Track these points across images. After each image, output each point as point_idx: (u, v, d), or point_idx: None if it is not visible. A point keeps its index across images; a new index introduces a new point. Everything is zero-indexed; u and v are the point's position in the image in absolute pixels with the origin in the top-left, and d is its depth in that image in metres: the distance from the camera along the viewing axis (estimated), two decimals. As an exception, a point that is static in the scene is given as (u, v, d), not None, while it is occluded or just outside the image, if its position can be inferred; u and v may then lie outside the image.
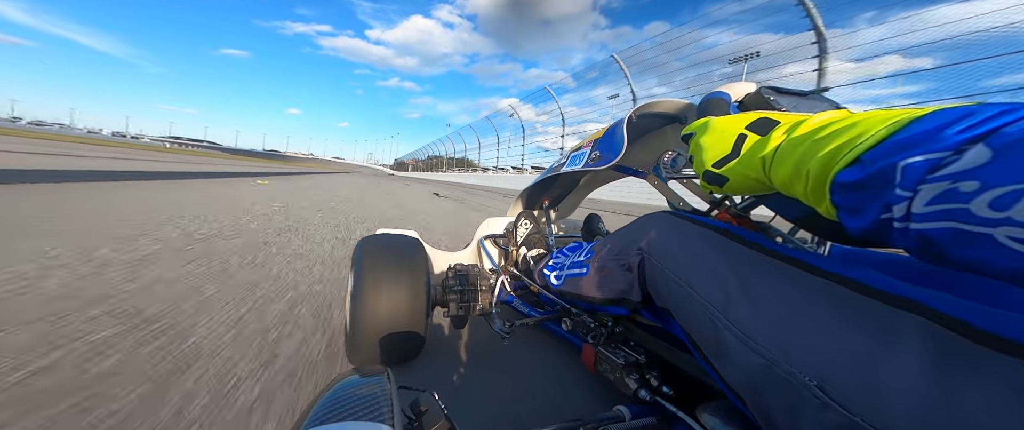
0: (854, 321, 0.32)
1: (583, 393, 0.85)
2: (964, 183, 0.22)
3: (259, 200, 3.97)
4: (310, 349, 0.93)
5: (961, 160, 0.22)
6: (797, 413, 0.32)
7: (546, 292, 0.86)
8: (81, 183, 3.79)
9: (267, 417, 0.68)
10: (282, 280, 1.45)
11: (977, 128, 0.22)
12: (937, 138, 0.24)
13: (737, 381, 0.40)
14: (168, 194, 3.65)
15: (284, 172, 13.76)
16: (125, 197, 3.19)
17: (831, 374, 0.30)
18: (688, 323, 0.48)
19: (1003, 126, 0.21)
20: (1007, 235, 0.20)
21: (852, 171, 0.29)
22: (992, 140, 0.21)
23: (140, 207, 2.71)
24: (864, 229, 0.29)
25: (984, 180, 0.21)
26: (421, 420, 0.40)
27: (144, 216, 2.40)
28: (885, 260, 0.59)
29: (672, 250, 0.52)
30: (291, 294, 1.31)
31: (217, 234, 2.11)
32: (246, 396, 0.73)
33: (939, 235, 0.24)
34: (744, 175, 0.43)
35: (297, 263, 1.72)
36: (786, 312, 0.36)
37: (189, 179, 5.92)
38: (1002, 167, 0.21)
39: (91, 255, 1.48)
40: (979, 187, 0.21)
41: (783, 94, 0.58)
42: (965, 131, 0.23)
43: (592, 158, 0.88)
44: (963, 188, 0.22)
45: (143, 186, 4.19)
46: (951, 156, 0.23)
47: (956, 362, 0.25)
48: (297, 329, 1.04)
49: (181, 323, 1.00)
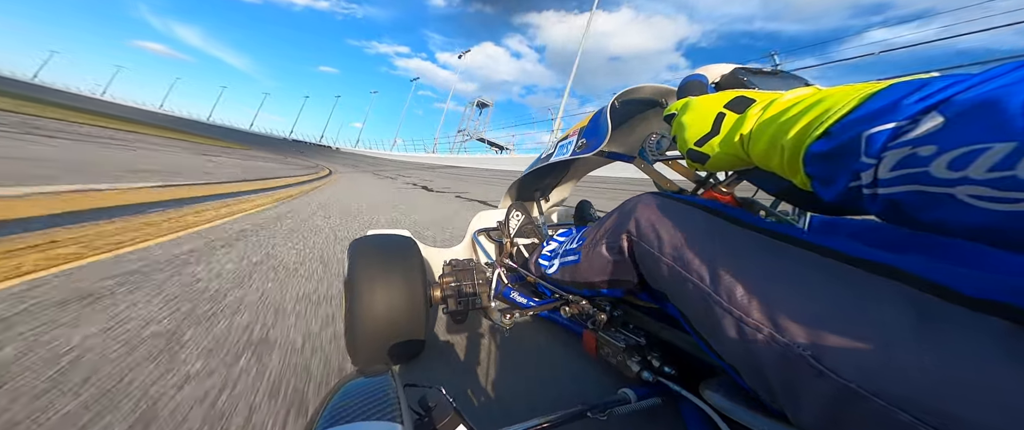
0: (839, 290, 0.33)
1: (587, 379, 0.87)
2: (923, 148, 0.23)
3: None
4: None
5: (917, 127, 0.24)
6: (794, 384, 0.33)
7: (543, 281, 0.87)
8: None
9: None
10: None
11: (930, 98, 0.24)
12: (896, 108, 0.25)
13: (734, 357, 0.40)
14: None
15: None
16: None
17: (823, 344, 0.31)
18: (682, 302, 0.49)
19: (953, 95, 0.23)
20: (966, 193, 0.22)
21: (822, 143, 0.30)
22: (944, 108, 0.23)
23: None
24: (836, 197, 0.31)
25: (940, 144, 0.23)
26: (430, 416, 0.41)
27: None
28: (860, 228, 0.61)
29: (660, 231, 0.53)
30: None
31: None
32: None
33: (904, 198, 0.25)
34: (724, 152, 0.45)
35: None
36: (775, 286, 0.37)
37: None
38: (955, 130, 0.22)
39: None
40: (936, 150, 0.23)
41: (756, 74, 0.60)
42: (920, 100, 0.24)
43: (579, 146, 0.88)
44: (922, 152, 0.23)
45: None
46: (908, 124, 0.24)
47: (937, 324, 0.27)
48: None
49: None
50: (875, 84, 0.29)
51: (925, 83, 0.25)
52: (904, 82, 0.27)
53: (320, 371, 0.83)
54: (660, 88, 0.83)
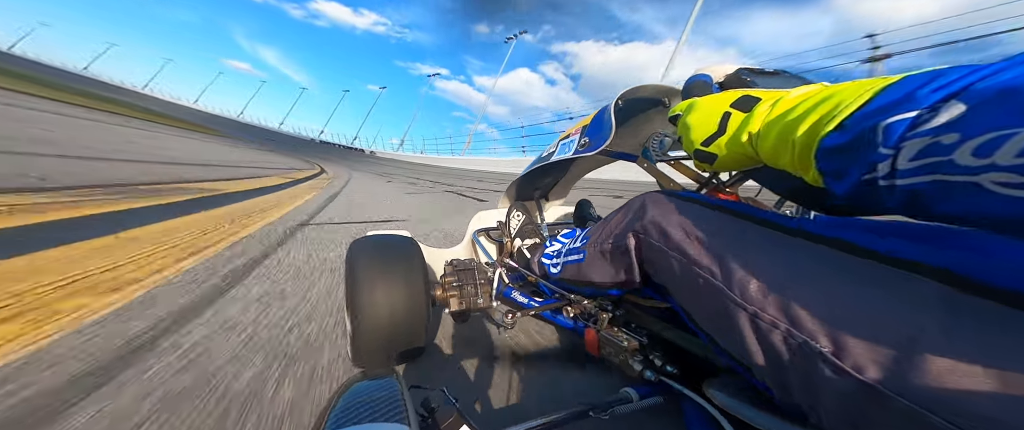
0: (858, 285, 0.32)
1: (589, 378, 0.87)
2: (945, 136, 0.23)
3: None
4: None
5: (938, 115, 0.23)
6: (813, 382, 0.32)
7: (545, 281, 0.87)
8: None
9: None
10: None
11: (949, 87, 0.23)
12: (913, 98, 0.25)
13: (747, 354, 0.39)
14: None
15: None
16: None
17: (843, 340, 0.30)
18: (691, 299, 0.48)
19: (973, 83, 0.22)
20: (993, 181, 0.21)
21: (836, 136, 0.29)
22: (965, 96, 0.22)
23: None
24: (850, 192, 0.30)
25: (964, 131, 0.22)
26: (434, 417, 0.41)
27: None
28: (871, 223, 0.61)
29: (669, 228, 0.52)
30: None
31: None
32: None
33: (925, 188, 0.25)
34: (732, 151, 0.44)
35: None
36: (791, 281, 0.36)
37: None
38: (979, 117, 0.21)
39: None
40: (960, 138, 0.22)
41: (759, 74, 0.60)
42: (938, 90, 0.24)
43: (581, 144, 0.88)
44: (945, 140, 0.23)
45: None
46: (928, 113, 0.24)
47: (967, 320, 0.25)
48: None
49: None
50: (887, 78, 0.28)
51: (940, 74, 0.25)
52: (918, 74, 0.26)
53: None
54: (664, 87, 0.83)
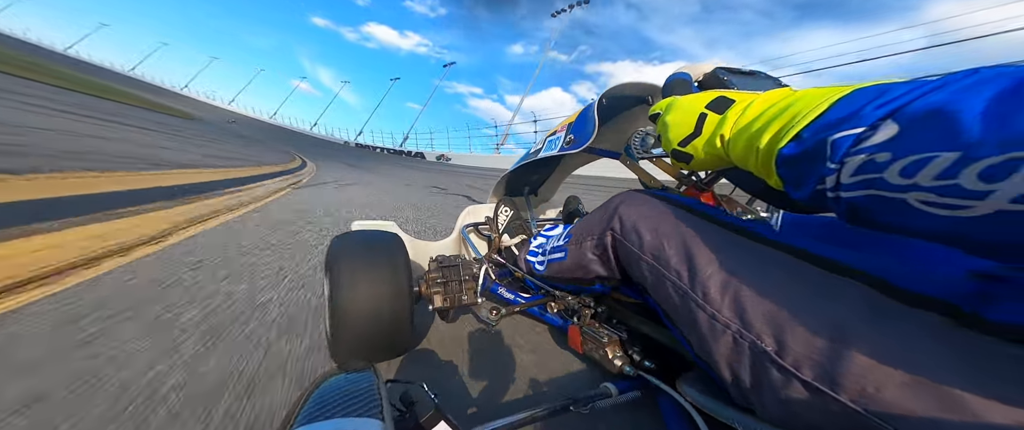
0: (801, 288, 0.34)
1: (571, 373, 0.88)
2: (879, 155, 0.24)
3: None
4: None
5: (875, 134, 0.25)
6: (760, 379, 0.35)
7: (531, 277, 0.88)
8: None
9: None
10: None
11: (888, 104, 0.25)
12: (858, 116, 0.26)
13: (707, 352, 0.42)
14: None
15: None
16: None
17: (785, 340, 0.32)
18: (660, 298, 0.50)
19: (907, 103, 0.24)
20: (916, 199, 0.23)
21: (792, 146, 0.31)
22: (898, 116, 0.24)
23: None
24: (805, 199, 0.32)
25: (894, 151, 0.23)
26: (412, 411, 0.41)
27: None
28: (827, 225, 0.64)
29: (641, 229, 0.54)
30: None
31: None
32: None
33: (863, 202, 0.26)
34: (708, 153, 0.45)
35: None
36: (744, 284, 0.38)
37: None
38: (907, 140, 0.23)
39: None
40: (891, 158, 0.24)
41: (735, 74, 0.62)
42: (879, 107, 0.25)
43: (566, 142, 0.89)
44: (879, 159, 0.24)
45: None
46: (868, 131, 0.25)
47: (884, 320, 0.28)
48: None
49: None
50: (842, 88, 0.30)
51: (886, 89, 0.26)
52: (867, 87, 0.28)
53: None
54: (646, 85, 0.84)
